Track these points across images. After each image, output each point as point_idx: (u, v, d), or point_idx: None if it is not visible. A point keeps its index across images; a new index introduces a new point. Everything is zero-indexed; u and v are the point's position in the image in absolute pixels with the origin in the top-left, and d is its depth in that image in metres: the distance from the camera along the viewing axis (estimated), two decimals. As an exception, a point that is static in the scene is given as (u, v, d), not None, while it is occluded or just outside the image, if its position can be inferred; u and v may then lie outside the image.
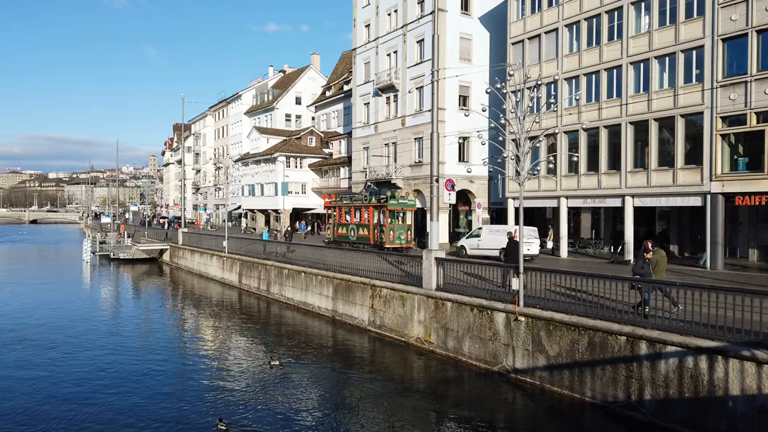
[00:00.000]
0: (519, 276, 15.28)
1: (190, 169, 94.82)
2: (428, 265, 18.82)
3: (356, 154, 47.28)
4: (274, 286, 29.66)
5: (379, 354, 19.12)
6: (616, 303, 13.30)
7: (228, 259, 36.03)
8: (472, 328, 16.81)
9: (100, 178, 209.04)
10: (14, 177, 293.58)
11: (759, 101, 23.80)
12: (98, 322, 24.25)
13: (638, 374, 12.34)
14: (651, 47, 28.17)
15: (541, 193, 33.69)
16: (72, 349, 19.11)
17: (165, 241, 51.06)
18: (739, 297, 11.23)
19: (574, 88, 32.00)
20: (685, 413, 11.50)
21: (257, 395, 14.53)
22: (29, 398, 14.20)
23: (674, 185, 27.18)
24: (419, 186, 39.38)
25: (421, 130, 38.74)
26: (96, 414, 13.12)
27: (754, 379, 10.53)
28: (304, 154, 58.87)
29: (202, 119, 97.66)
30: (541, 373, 14.54)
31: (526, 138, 14.99)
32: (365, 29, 45.83)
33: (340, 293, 23.80)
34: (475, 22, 39.27)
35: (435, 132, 19.83)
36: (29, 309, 26.72)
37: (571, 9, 32.05)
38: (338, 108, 59.31)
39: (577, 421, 13.05)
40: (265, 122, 71.86)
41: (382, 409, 13.87)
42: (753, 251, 28.31)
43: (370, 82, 44.79)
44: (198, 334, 23.14)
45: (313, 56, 75.28)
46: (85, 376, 16.13)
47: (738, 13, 24.59)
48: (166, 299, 32.13)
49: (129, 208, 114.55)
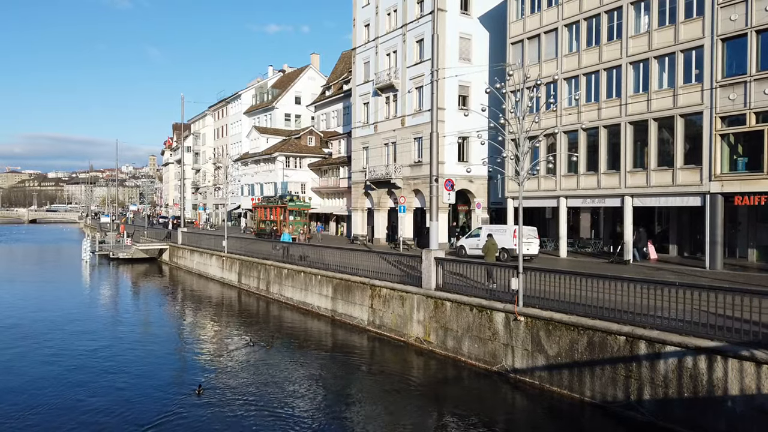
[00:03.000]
0: (518, 276, 15.28)
1: (189, 168, 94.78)
2: (428, 265, 18.82)
3: (356, 154, 47.26)
4: (274, 286, 29.65)
5: (379, 354, 19.13)
6: (616, 303, 13.29)
7: (227, 258, 36.03)
8: (472, 328, 16.81)
9: (100, 177, 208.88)
10: (13, 177, 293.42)
11: (758, 101, 23.81)
12: (96, 322, 24.24)
13: (637, 374, 12.35)
14: (650, 47, 28.17)
15: (541, 192, 33.69)
16: (70, 346, 19.19)
17: (164, 240, 51.06)
18: (738, 297, 11.23)
19: (573, 88, 32.00)
20: (685, 413, 11.50)
21: (256, 395, 14.52)
22: (28, 395, 14.21)
23: (674, 185, 27.19)
24: (419, 186, 39.38)
25: (421, 129, 38.73)
26: (87, 403, 13.16)
27: (753, 379, 10.53)
28: (303, 153, 58.86)
29: (201, 119, 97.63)
30: (540, 373, 14.54)
31: (525, 138, 14.99)
32: (365, 29, 45.82)
33: (340, 293, 23.80)
34: (475, 22, 39.27)
35: (434, 132, 19.84)
36: (29, 308, 26.71)
37: (571, 9, 32.05)
38: (338, 108, 59.30)
39: (576, 421, 13.05)
40: (264, 122, 71.84)
41: (382, 409, 13.87)
42: (752, 251, 28.35)
43: (370, 82, 44.77)
44: (196, 334, 23.11)
45: (312, 56, 75.26)
46: (82, 371, 16.18)
47: (737, 13, 24.59)
48: (164, 299, 32.11)
49: (129, 207, 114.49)
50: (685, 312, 11.97)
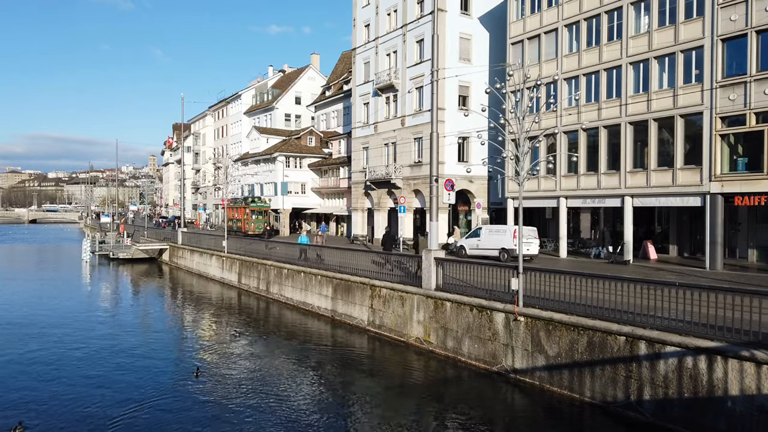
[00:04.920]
0: (519, 276, 15.28)
1: (189, 168, 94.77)
2: (428, 265, 18.82)
3: (356, 154, 47.26)
4: (274, 286, 29.65)
5: (379, 354, 19.12)
6: (616, 303, 13.29)
7: (227, 258, 36.02)
8: (472, 328, 16.81)
9: (100, 177, 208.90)
10: (14, 176, 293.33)
11: (758, 101, 23.81)
12: (96, 322, 24.22)
13: (637, 374, 12.34)
14: (650, 47, 28.17)
15: (541, 193, 33.68)
16: (70, 344, 19.20)
17: (164, 240, 51.06)
18: (738, 297, 11.24)
19: (573, 88, 31.99)
20: (685, 413, 11.50)
21: (255, 395, 14.52)
22: (28, 391, 14.25)
23: (674, 185, 27.18)
24: (419, 186, 39.37)
25: (421, 130, 38.73)
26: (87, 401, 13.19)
27: (753, 379, 10.53)
28: (303, 153, 58.83)
29: (201, 119, 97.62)
30: (540, 373, 14.54)
31: (525, 138, 14.99)
32: (365, 29, 45.82)
33: (340, 293, 23.80)
34: (475, 22, 39.27)
35: (434, 132, 19.83)
36: (29, 308, 26.70)
37: (571, 9, 32.05)
38: (338, 108, 59.29)
39: (576, 421, 13.05)
40: (264, 122, 71.82)
41: (381, 409, 13.87)
42: (752, 251, 28.33)
43: (370, 82, 44.77)
44: (195, 330, 23.11)
45: (313, 56, 75.22)
46: (81, 369, 16.20)
47: (737, 14, 24.59)
48: (164, 299, 32.10)
49: (129, 207, 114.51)
50: (685, 312, 11.97)
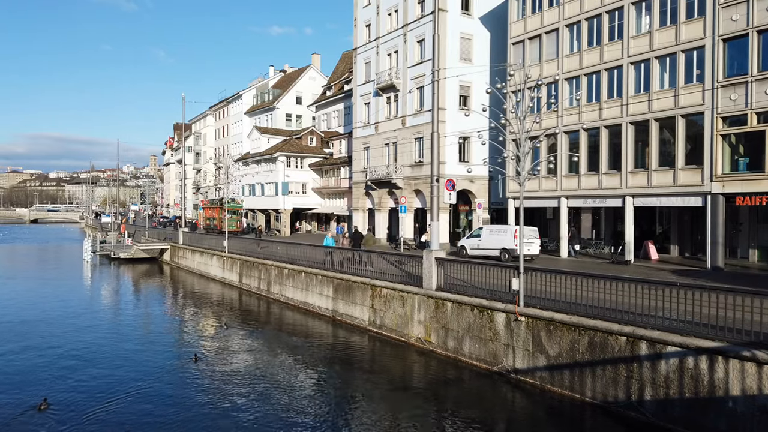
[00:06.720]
0: (519, 276, 15.28)
1: (190, 168, 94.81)
2: (428, 265, 18.82)
3: (357, 154, 47.25)
4: (275, 286, 29.66)
5: (379, 354, 19.13)
6: (617, 303, 13.28)
7: (228, 258, 36.04)
8: (473, 328, 16.80)
9: (101, 177, 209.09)
10: (15, 176, 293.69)
11: (759, 101, 23.78)
12: (96, 322, 24.24)
13: (638, 374, 12.33)
14: (652, 47, 28.14)
15: (542, 193, 33.66)
16: (70, 343, 19.22)
17: (165, 240, 51.09)
18: (740, 297, 11.22)
19: (574, 88, 31.96)
20: (686, 413, 11.49)
21: (255, 395, 14.53)
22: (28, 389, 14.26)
23: (675, 185, 27.16)
24: (419, 186, 39.36)
25: (422, 130, 38.72)
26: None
27: (754, 380, 10.52)
28: (304, 153, 58.84)
29: (202, 119, 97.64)
30: (541, 374, 14.53)
31: (526, 138, 14.98)
32: (366, 29, 45.81)
33: (341, 293, 23.80)
34: (476, 22, 39.25)
35: (435, 132, 19.83)
36: (29, 307, 26.73)
37: (572, 9, 32.02)
38: (339, 108, 59.30)
39: (577, 421, 13.05)
40: (265, 122, 71.83)
41: (382, 408, 13.87)
42: (753, 251, 28.27)
43: (371, 82, 44.77)
44: (196, 334, 23.11)
45: (313, 56, 75.22)
46: (80, 367, 16.22)
47: (739, 14, 24.57)
48: (165, 298, 32.13)
49: (130, 207, 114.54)
50: (686, 312, 11.97)
